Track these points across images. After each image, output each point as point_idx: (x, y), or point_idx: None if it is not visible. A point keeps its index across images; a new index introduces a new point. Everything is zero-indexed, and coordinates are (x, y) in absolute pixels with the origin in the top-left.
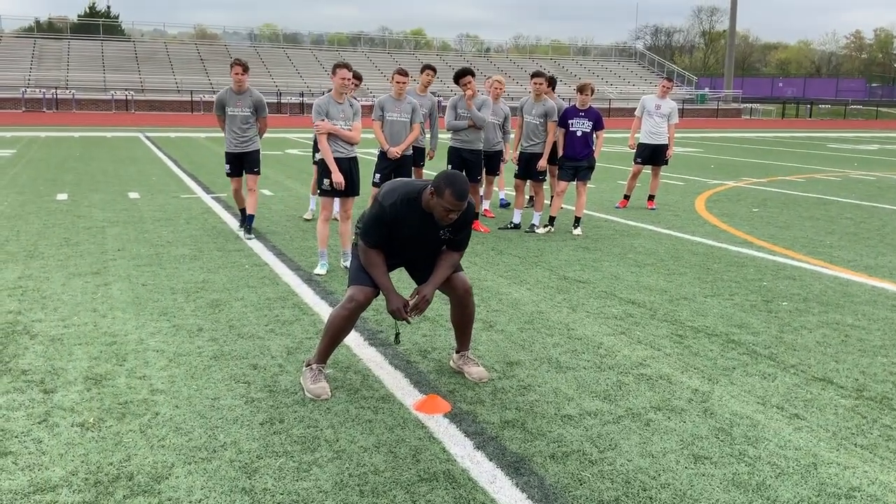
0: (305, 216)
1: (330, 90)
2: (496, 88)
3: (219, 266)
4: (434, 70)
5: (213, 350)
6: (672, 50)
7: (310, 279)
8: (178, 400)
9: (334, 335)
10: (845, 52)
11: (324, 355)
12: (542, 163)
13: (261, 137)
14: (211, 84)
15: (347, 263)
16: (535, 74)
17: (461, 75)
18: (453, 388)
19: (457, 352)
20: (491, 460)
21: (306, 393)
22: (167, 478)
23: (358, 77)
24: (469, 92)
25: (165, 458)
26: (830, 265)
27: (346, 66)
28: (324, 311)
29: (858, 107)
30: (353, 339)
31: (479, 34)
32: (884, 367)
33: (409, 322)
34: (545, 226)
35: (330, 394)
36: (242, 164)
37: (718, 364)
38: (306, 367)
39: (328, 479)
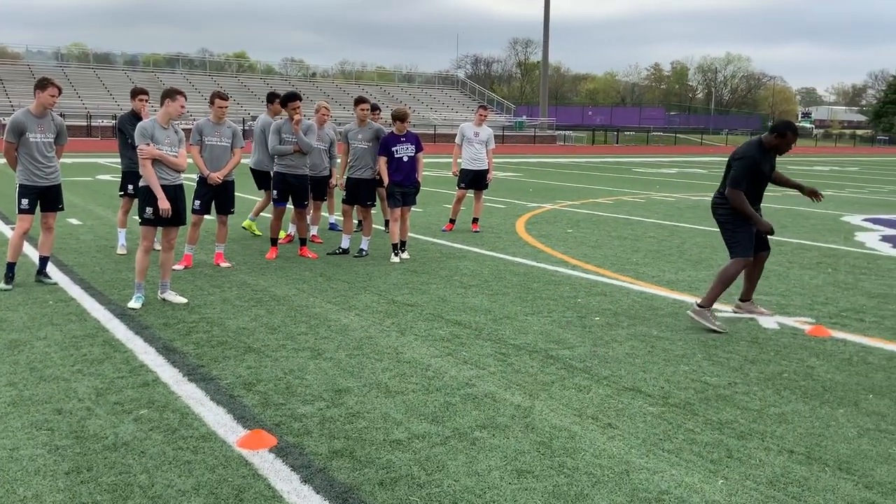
0: (118, 251)
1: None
2: (321, 114)
3: (18, 303)
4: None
5: (10, 395)
6: (491, 79)
7: (123, 313)
8: None
9: (728, 282)
10: (647, 83)
11: (714, 300)
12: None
13: None
14: (11, 105)
15: (165, 295)
16: (359, 100)
17: (289, 99)
18: (280, 420)
19: (743, 300)
20: (318, 493)
21: (716, 329)
22: None
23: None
24: (297, 117)
25: None
26: (637, 281)
27: (183, 94)
28: (138, 347)
29: (659, 133)
30: (171, 376)
31: (305, 58)
32: (686, 375)
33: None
34: (396, 254)
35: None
36: (43, 199)
37: (538, 379)
38: (700, 307)
39: None
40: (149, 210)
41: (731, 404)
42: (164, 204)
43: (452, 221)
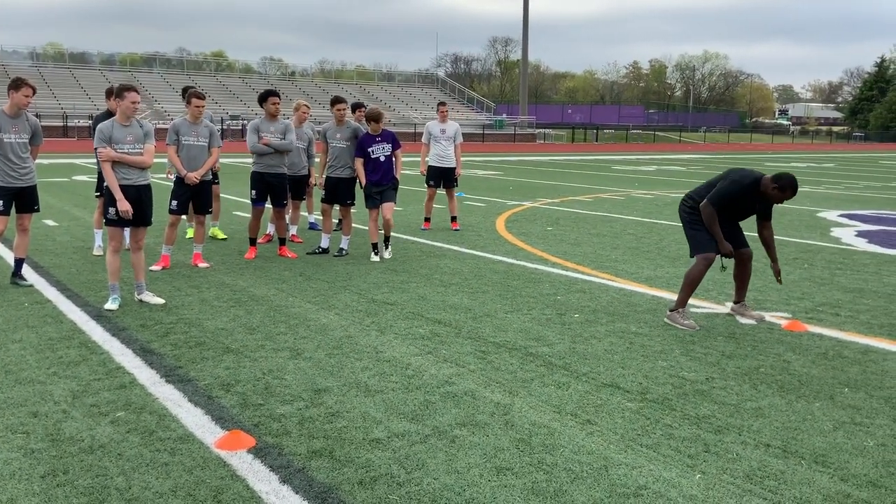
0: (95, 252)
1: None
2: (301, 112)
3: None
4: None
5: None
6: (471, 77)
7: (99, 315)
8: None
9: (693, 282)
10: (625, 81)
11: (685, 302)
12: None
13: None
14: None
15: (142, 296)
16: (336, 100)
17: (267, 95)
18: (258, 420)
19: (736, 302)
20: (297, 493)
21: (686, 328)
22: None
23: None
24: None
25: None
26: (616, 278)
27: (132, 89)
28: (114, 348)
29: (638, 131)
30: (148, 378)
31: (284, 57)
32: (664, 371)
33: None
34: (376, 253)
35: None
36: (18, 200)
37: (518, 377)
38: (672, 311)
39: None
40: (112, 210)
41: (708, 399)
42: (122, 205)
43: (428, 220)
